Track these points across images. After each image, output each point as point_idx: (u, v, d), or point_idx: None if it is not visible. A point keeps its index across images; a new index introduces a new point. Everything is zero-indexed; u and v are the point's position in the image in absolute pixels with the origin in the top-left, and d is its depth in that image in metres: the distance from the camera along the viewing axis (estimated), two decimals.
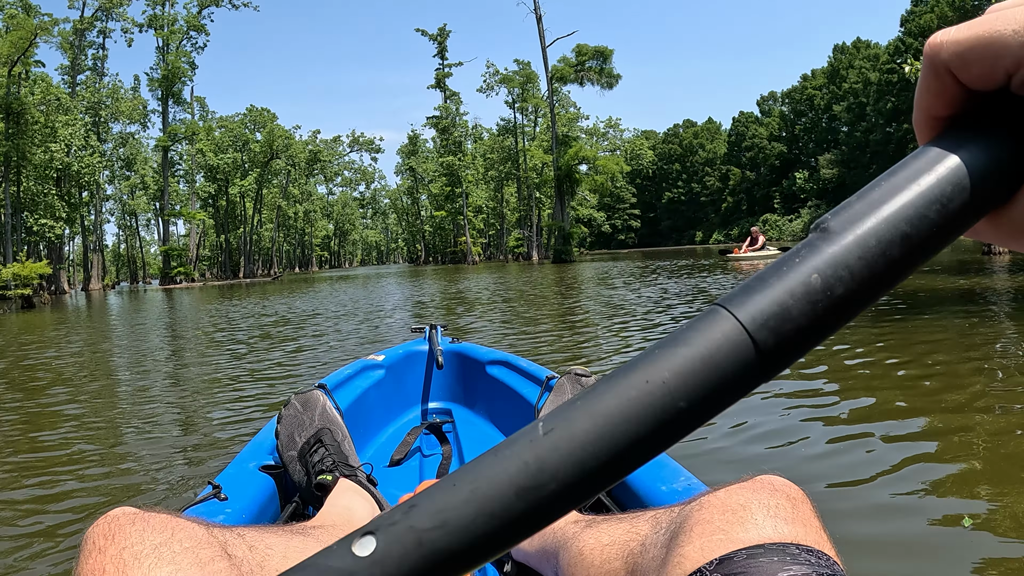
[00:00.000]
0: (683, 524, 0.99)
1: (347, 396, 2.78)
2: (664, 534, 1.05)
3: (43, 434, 5.51)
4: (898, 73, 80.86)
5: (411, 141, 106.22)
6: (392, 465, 2.70)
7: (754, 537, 0.89)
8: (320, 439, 2.01)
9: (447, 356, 3.48)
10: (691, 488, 1.69)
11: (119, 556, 0.89)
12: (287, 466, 2.04)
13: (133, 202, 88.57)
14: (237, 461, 2.08)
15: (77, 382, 8.13)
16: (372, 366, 3.23)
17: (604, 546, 1.24)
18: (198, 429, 5.37)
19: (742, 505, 0.94)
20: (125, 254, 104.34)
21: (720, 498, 0.98)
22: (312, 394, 2.17)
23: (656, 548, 1.05)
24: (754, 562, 0.84)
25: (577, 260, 59.22)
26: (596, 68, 67.20)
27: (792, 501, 0.96)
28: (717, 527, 0.92)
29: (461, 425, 3.14)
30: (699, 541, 0.92)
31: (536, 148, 75.74)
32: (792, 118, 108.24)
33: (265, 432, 2.31)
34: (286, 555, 1.20)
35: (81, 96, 64.21)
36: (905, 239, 0.36)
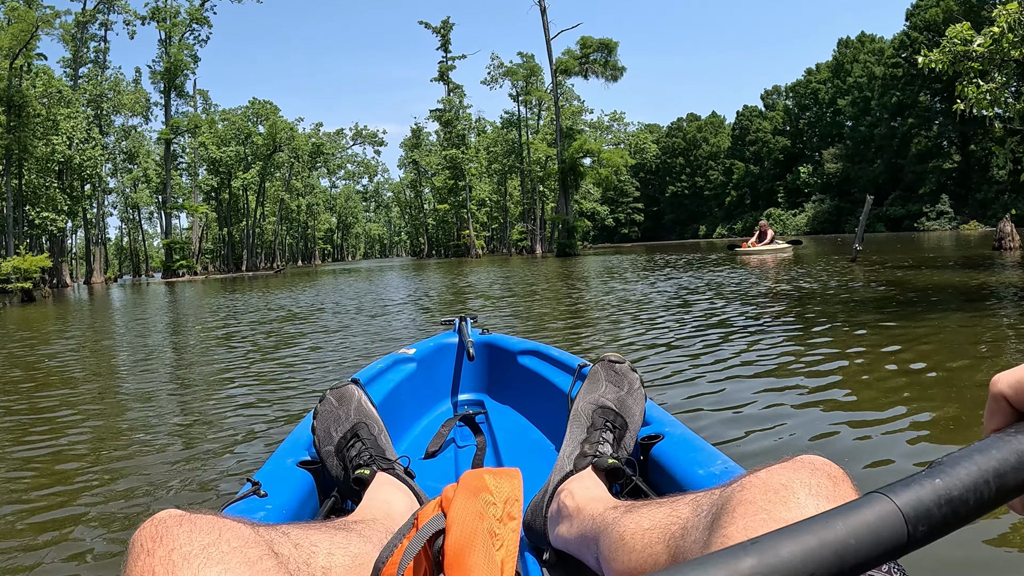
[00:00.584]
0: (725, 505, 1.00)
1: (380, 390, 2.78)
2: (705, 516, 1.06)
3: (65, 436, 5.36)
4: (903, 68, 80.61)
5: (414, 134, 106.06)
6: (427, 457, 2.70)
7: (796, 516, 0.89)
8: (356, 433, 2.01)
9: (477, 347, 3.49)
10: (728, 471, 1.67)
11: (168, 557, 0.90)
12: (324, 461, 2.03)
13: (136, 195, 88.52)
14: (275, 457, 2.09)
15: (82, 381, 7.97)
16: (404, 359, 3.23)
17: (645, 530, 1.24)
18: (212, 432, 5.29)
19: (784, 484, 0.95)
20: (128, 247, 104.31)
21: (761, 478, 0.99)
22: (347, 388, 2.14)
23: (698, 531, 1.06)
24: None
25: (581, 254, 59.04)
26: (600, 61, 67.04)
27: (833, 480, 0.96)
28: (760, 507, 0.94)
29: (494, 415, 3.13)
30: (742, 521, 0.93)
31: (540, 141, 75.68)
32: (796, 112, 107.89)
33: (301, 428, 2.30)
34: (331, 551, 1.21)
35: (83, 89, 64.02)
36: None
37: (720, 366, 6.14)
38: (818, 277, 15.28)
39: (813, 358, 6.19)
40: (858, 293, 11.61)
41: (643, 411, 2.03)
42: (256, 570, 0.93)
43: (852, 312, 9.14)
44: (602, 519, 1.42)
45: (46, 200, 51.67)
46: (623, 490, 1.87)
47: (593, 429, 1.89)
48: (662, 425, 2.07)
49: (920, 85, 79.24)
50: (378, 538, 1.40)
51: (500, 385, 3.40)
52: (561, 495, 1.73)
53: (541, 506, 1.80)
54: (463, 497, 1.38)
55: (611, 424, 1.90)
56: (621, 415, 1.94)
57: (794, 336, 7.41)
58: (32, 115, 48.29)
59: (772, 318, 8.91)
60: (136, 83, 74.35)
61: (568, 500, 1.67)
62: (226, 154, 76.70)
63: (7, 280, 33.71)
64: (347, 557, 1.23)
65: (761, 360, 6.28)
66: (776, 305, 10.43)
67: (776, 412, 4.62)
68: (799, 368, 5.84)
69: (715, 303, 11.06)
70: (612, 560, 1.32)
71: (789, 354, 6.46)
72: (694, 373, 5.90)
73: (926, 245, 32.90)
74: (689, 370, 6.02)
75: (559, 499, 1.72)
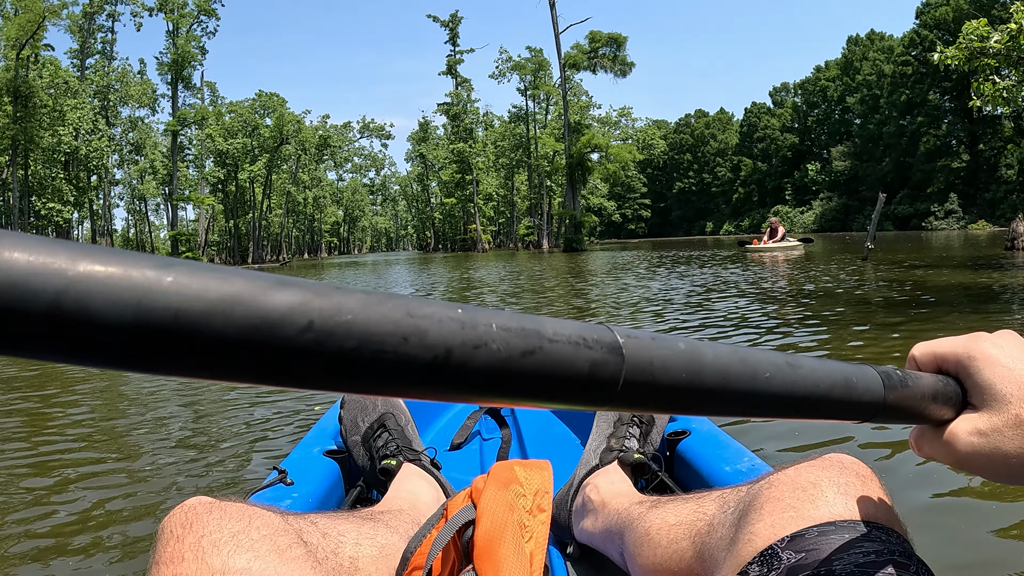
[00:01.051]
0: (752, 502, 1.00)
1: None
2: (732, 513, 1.06)
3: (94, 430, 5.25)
4: (912, 66, 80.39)
5: (422, 128, 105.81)
6: (452, 449, 2.68)
7: (825, 515, 0.90)
8: (383, 423, 2.01)
9: None
10: (755, 469, 1.69)
11: (198, 544, 0.91)
12: (351, 450, 2.05)
13: (142, 187, 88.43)
14: (301, 446, 2.12)
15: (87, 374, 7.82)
16: None
17: (671, 526, 1.24)
18: (234, 421, 5.28)
19: (812, 483, 0.95)
20: (134, 239, 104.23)
21: (790, 476, 0.99)
22: None
23: (724, 527, 1.06)
24: (825, 539, 0.86)
25: (588, 249, 58.91)
26: (609, 55, 66.84)
27: (861, 479, 0.96)
28: (788, 504, 0.94)
29: (520, 409, 3.01)
30: (770, 518, 0.93)
31: (548, 136, 75.39)
32: (805, 109, 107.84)
33: (328, 417, 2.33)
34: (358, 541, 1.22)
35: (90, 80, 63.97)
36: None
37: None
38: (834, 276, 15.08)
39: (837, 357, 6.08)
40: (877, 293, 11.47)
41: None
42: (285, 558, 0.94)
43: (872, 312, 9.05)
44: (627, 514, 1.43)
45: (52, 191, 51.67)
46: (648, 485, 1.86)
47: (620, 424, 1.88)
48: (688, 421, 2.09)
49: (929, 84, 79.15)
50: (405, 529, 1.40)
51: None
52: (586, 489, 1.72)
53: (566, 500, 1.79)
54: (493, 488, 1.38)
55: (638, 419, 1.90)
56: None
57: (819, 336, 7.29)
58: (38, 106, 48.23)
59: (797, 318, 8.77)
60: (141, 74, 74.13)
61: (593, 494, 1.67)
62: (233, 146, 76.51)
63: None
64: (374, 547, 1.24)
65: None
66: (796, 304, 10.27)
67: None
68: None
69: (738, 303, 10.89)
70: (637, 555, 1.32)
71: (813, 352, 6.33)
72: None
73: (936, 244, 32.77)
74: None
75: (584, 493, 1.72)
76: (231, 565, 0.89)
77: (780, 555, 0.88)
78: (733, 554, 0.97)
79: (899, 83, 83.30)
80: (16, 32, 46.48)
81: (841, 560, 0.83)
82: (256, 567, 0.90)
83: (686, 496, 1.31)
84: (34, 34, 47.02)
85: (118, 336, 0.33)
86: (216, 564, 0.89)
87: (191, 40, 68.09)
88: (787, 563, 0.86)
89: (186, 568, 0.88)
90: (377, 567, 1.22)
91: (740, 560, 0.94)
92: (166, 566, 0.90)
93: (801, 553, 0.86)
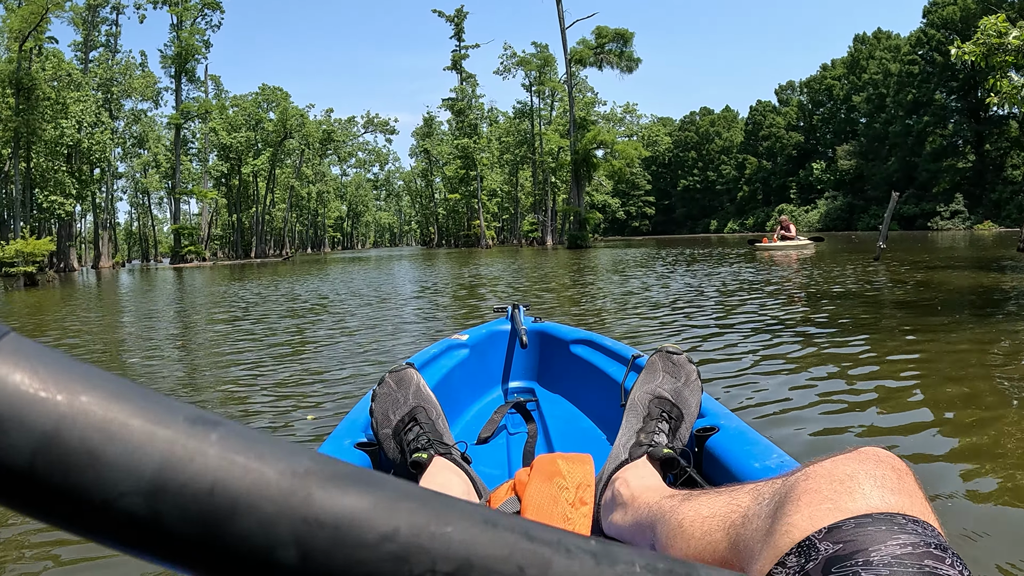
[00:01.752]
0: (789, 494, 1.01)
1: (434, 375, 2.82)
2: (768, 505, 1.07)
3: None
4: (919, 65, 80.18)
5: (426, 123, 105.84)
6: (479, 443, 2.71)
7: (862, 507, 0.90)
8: (415, 417, 2.04)
9: (530, 335, 3.52)
10: (784, 465, 1.70)
11: None
12: (382, 443, 2.07)
13: (146, 180, 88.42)
14: (332, 438, 2.11)
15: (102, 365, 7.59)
16: (457, 345, 3.27)
17: (704, 518, 1.25)
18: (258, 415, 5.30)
19: (849, 475, 0.96)
20: (138, 232, 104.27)
21: (827, 468, 0.99)
22: (406, 372, 2.17)
23: (759, 519, 1.07)
24: (863, 531, 0.87)
25: (593, 246, 58.80)
26: (616, 51, 66.64)
27: (897, 472, 0.97)
28: (825, 496, 0.94)
29: (545, 403, 3.16)
30: (807, 510, 0.94)
31: (552, 132, 75.29)
32: (810, 108, 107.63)
33: (359, 409, 2.34)
34: None
35: (93, 72, 63.77)
36: None
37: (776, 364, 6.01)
38: (848, 276, 14.86)
39: (858, 361, 6.03)
40: (893, 294, 11.26)
41: (699, 403, 2.03)
42: None
43: (893, 315, 8.85)
44: (659, 507, 1.44)
45: (54, 184, 51.48)
46: (676, 481, 1.85)
47: (649, 419, 1.90)
48: (717, 418, 2.07)
49: (936, 83, 78.95)
50: None
51: (551, 373, 3.43)
52: (616, 483, 1.73)
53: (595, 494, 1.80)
54: (538, 481, 1.41)
55: (667, 415, 1.91)
56: (677, 406, 1.95)
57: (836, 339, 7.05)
58: (41, 98, 48.07)
59: (827, 319, 8.55)
60: (143, 67, 73.87)
61: (623, 488, 1.68)
62: (236, 140, 76.49)
63: (12, 264, 33.42)
64: None
65: (815, 362, 6.08)
66: (819, 305, 10.05)
67: (828, 409, 4.68)
68: (845, 369, 5.76)
69: (765, 304, 10.62)
70: (670, 547, 1.32)
71: (833, 356, 6.24)
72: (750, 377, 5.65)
73: (945, 245, 32.59)
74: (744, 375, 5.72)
75: (614, 487, 1.73)
76: None
77: (818, 546, 0.89)
78: (770, 545, 0.98)
79: (905, 82, 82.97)
80: (19, 24, 46.34)
81: (878, 551, 0.83)
82: None
83: (718, 489, 1.30)
84: (37, 26, 46.85)
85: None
86: None
87: (195, 33, 67.88)
88: (824, 554, 0.87)
89: None
90: None
91: (777, 551, 0.95)
92: None
93: (839, 544, 0.87)
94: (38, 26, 47.14)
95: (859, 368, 5.77)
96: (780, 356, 6.39)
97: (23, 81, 46.41)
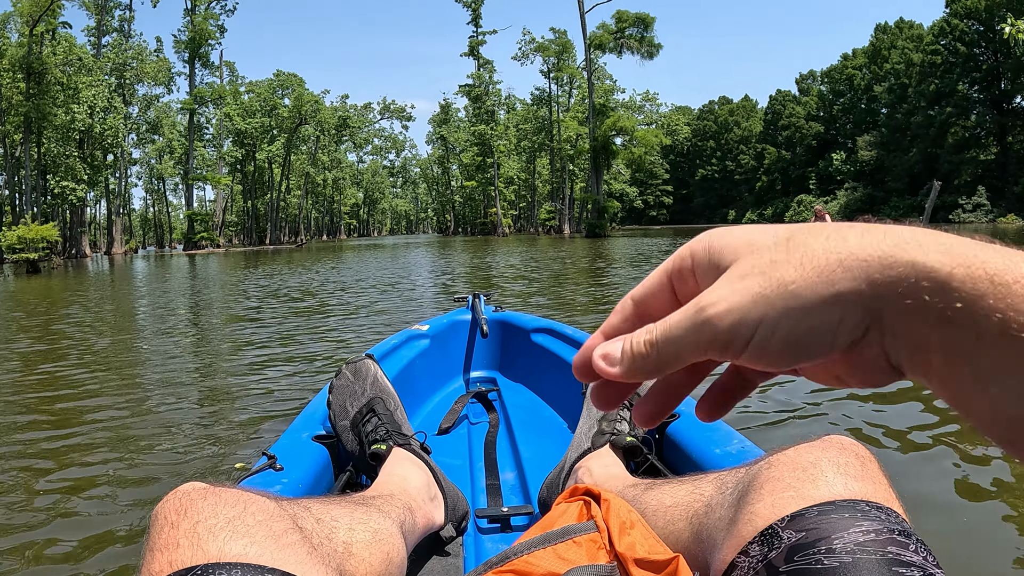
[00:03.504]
0: (752, 483, 1.02)
1: (394, 365, 2.81)
2: (731, 494, 1.08)
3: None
4: (942, 55, 79.33)
5: (443, 110, 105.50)
6: (440, 433, 2.70)
7: (825, 494, 0.92)
8: (372, 408, 2.00)
9: (491, 325, 3.52)
10: (745, 451, 1.73)
11: (193, 530, 0.90)
12: (340, 435, 2.05)
13: (160, 166, 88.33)
14: (290, 431, 2.10)
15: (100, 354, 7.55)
16: (418, 336, 3.27)
17: (667, 507, 1.27)
18: (224, 409, 5.36)
19: (812, 463, 0.97)
20: (152, 218, 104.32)
21: (790, 456, 1.00)
22: (363, 363, 2.14)
23: (723, 508, 1.08)
24: (825, 518, 0.87)
25: (611, 235, 58.33)
26: (636, 36, 66.14)
27: (860, 460, 0.99)
28: (788, 484, 0.95)
29: (506, 393, 3.16)
30: (770, 498, 0.95)
31: (571, 119, 74.77)
32: (831, 98, 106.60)
33: (317, 402, 2.30)
34: (351, 526, 1.23)
35: (106, 58, 63.45)
36: None
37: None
38: None
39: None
40: None
41: None
42: (281, 544, 0.94)
43: None
44: (621, 497, 1.42)
45: (65, 169, 51.21)
46: (639, 468, 1.86)
47: None
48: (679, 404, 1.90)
49: (959, 74, 78.05)
50: (396, 513, 1.42)
51: (513, 363, 3.46)
52: (579, 472, 1.75)
53: (557, 483, 1.82)
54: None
55: (628, 402, 1.85)
56: (638, 393, 1.75)
57: None
58: (52, 82, 47.79)
59: None
60: (157, 52, 73.60)
61: (586, 477, 1.70)
62: (251, 126, 76.26)
63: (14, 251, 33.03)
64: (367, 532, 1.25)
65: None
66: None
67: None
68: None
69: None
70: None
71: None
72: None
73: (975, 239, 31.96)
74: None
75: (577, 476, 1.74)
76: (227, 551, 0.88)
77: (780, 534, 0.89)
78: (733, 534, 0.98)
79: (928, 72, 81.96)
80: (29, 8, 46.12)
81: (841, 539, 0.84)
82: (252, 552, 0.89)
83: (681, 478, 1.33)
84: (48, 8, 46.60)
85: None
86: (212, 550, 0.88)
87: (209, 18, 67.55)
88: (787, 542, 0.88)
89: (182, 554, 0.88)
90: (371, 551, 1.23)
91: (740, 540, 0.95)
92: (161, 552, 0.89)
93: (801, 532, 0.87)
94: (49, 9, 46.89)
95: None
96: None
97: (33, 66, 46.15)
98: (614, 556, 1.22)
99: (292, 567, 0.91)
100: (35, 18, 46.04)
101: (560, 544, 1.27)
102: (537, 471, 2.25)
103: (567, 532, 1.29)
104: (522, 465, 2.36)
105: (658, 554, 1.04)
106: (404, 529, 1.41)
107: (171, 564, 0.86)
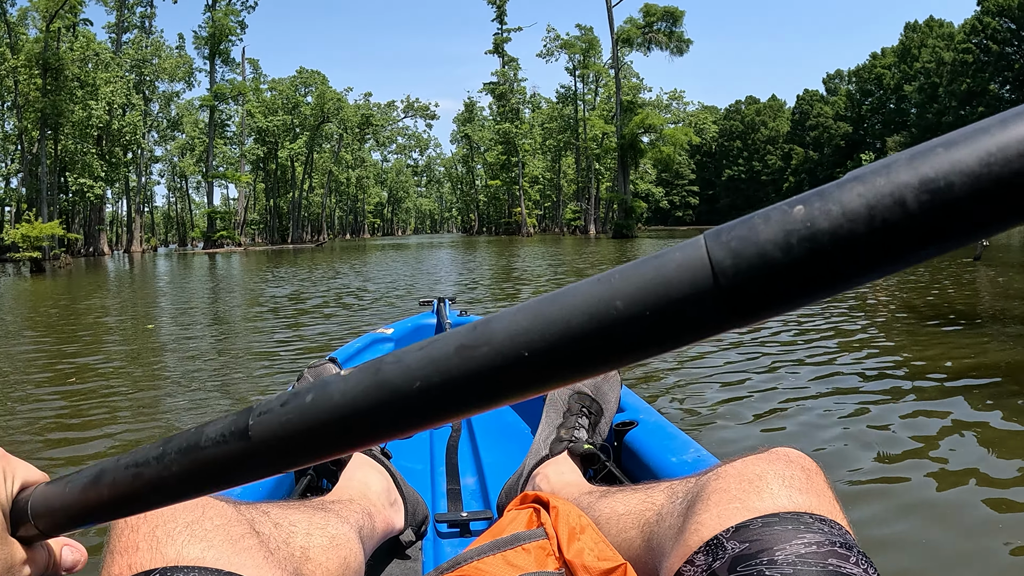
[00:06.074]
0: (700, 493, 1.04)
1: None
2: (681, 503, 1.10)
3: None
4: (973, 54, 77.93)
5: (467, 108, 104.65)
6: (402, 438, 2.07)
7: (769, 506, 0.93)
8: None
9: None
10: (701, 460, 1.76)
11: (152, 534, 0.91)
12: None
13: (182, 164, 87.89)
14: None
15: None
16: (381, 339, 3.28)
17: (620, 515, 1.29)
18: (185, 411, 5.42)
19: (758, 475, 0.99)
20: (175, 216, 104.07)
21: (737, 468, 1.03)
22: (325, 367, 2.10)
23: (672, 517, 1.10)
24: (769, 530, 0.89)
25: (638, 236, 57.32)
26: (665, 31, 65.08)
27: (806, 472, 1.00)
28: (734, 496, 0.97)
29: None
30: (716, 509, 0.97)
31: (597, 118, 73.75)
32: (859, 98, 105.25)
33: None
34: (309, 531, 1.24)
35: (126, 54, 62.83)
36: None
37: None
38: (954, 281, 13.15)
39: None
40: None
41: (618, 397, 2.07)
42: (238, 548, 0.95)
43: None
44: (577, 504, 1.45)
45: (82, 166, 50.56)
46: (596, 475, 1.89)
47: (569, 414, 1.91)
48: (636, 412, 2.13)
49: (991, 73, 76.63)
50: (355, 518, 1.44)
51: None
52: (536, 479, 1.77)
53: (516, 489, 1.84)
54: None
55: (587, 409, 1.93)
56: (597, 400, 1.97)
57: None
58: (69, 78, 47.16)
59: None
60: (179, 48, 73.07)
61: (543, 484, 1.72)
62: (273, 123, 75.67)
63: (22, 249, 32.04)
64: (325, 537, 1.26)
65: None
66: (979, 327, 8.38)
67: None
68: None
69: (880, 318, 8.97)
70: None
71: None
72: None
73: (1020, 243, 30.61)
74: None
75: (534, 482, 1.76)
76: (185, 555, 0.90)
77: (725, 545, 0.91)
78: (680, 543, 1.00)
79: (959, 72, 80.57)
80: (46, 3, 45.50)
81: (783, 550, 0.86)
82: (210, 557, 0.91)
83: (635, 486, 1.36)
84: (65, 3, 45.98)
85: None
86: (170, 554, 0.89)
87: (229, 14, 66.92)
88: (731, 553, 0.90)
89: (140, 558, 0.89)
90: (327, 556, 1.24)
91: (687, 550, 0.97)
92: (121, 556, 0.91)
93: (745, 543, 0.89)
94: (67, 4, 46.35)
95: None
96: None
97: (50, 61, 45.54)
98: (563, 563, 1.26)
99: (249, 571, 0.92)
100: (52, 13, 45.49)
101: (509, 551, 1.30)
102: (498, 476, 2.24)
103: (516, 539, 1.33)
104: (483, 470, 2.34)
105: (607, 560, 1.18)
106: (363, 534, 1.42)
107: (130, 567, 0.88)
